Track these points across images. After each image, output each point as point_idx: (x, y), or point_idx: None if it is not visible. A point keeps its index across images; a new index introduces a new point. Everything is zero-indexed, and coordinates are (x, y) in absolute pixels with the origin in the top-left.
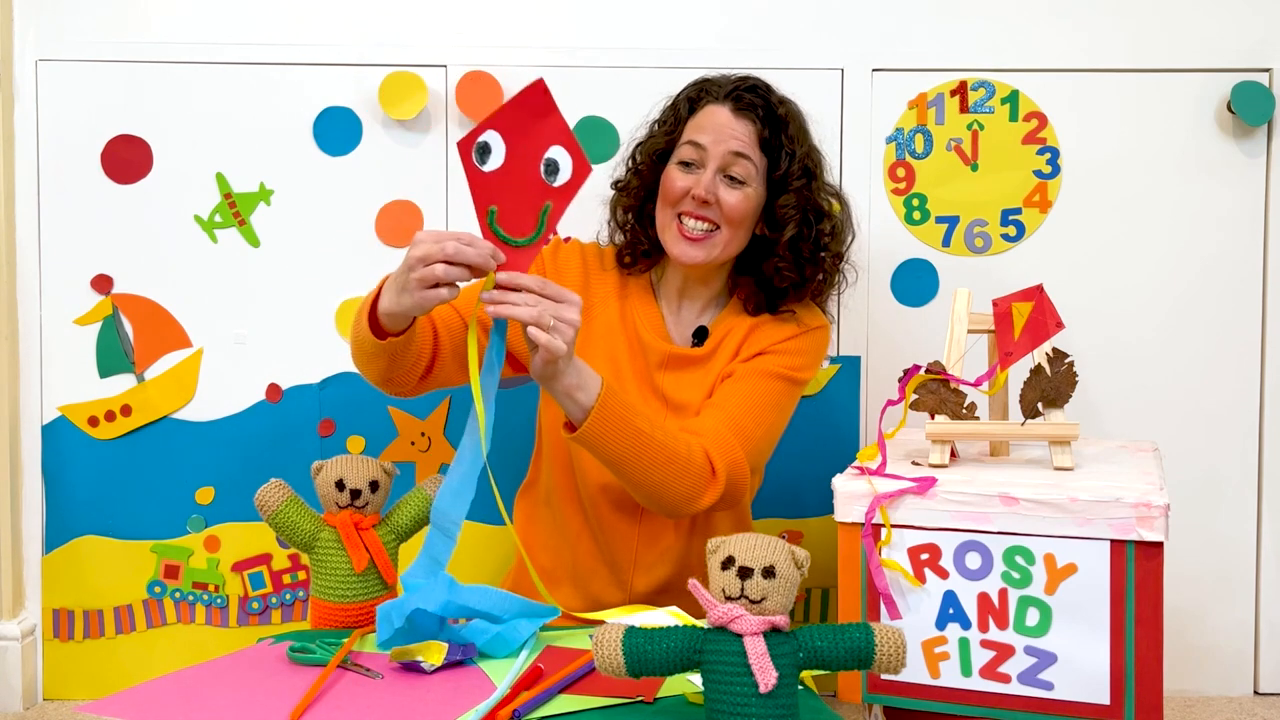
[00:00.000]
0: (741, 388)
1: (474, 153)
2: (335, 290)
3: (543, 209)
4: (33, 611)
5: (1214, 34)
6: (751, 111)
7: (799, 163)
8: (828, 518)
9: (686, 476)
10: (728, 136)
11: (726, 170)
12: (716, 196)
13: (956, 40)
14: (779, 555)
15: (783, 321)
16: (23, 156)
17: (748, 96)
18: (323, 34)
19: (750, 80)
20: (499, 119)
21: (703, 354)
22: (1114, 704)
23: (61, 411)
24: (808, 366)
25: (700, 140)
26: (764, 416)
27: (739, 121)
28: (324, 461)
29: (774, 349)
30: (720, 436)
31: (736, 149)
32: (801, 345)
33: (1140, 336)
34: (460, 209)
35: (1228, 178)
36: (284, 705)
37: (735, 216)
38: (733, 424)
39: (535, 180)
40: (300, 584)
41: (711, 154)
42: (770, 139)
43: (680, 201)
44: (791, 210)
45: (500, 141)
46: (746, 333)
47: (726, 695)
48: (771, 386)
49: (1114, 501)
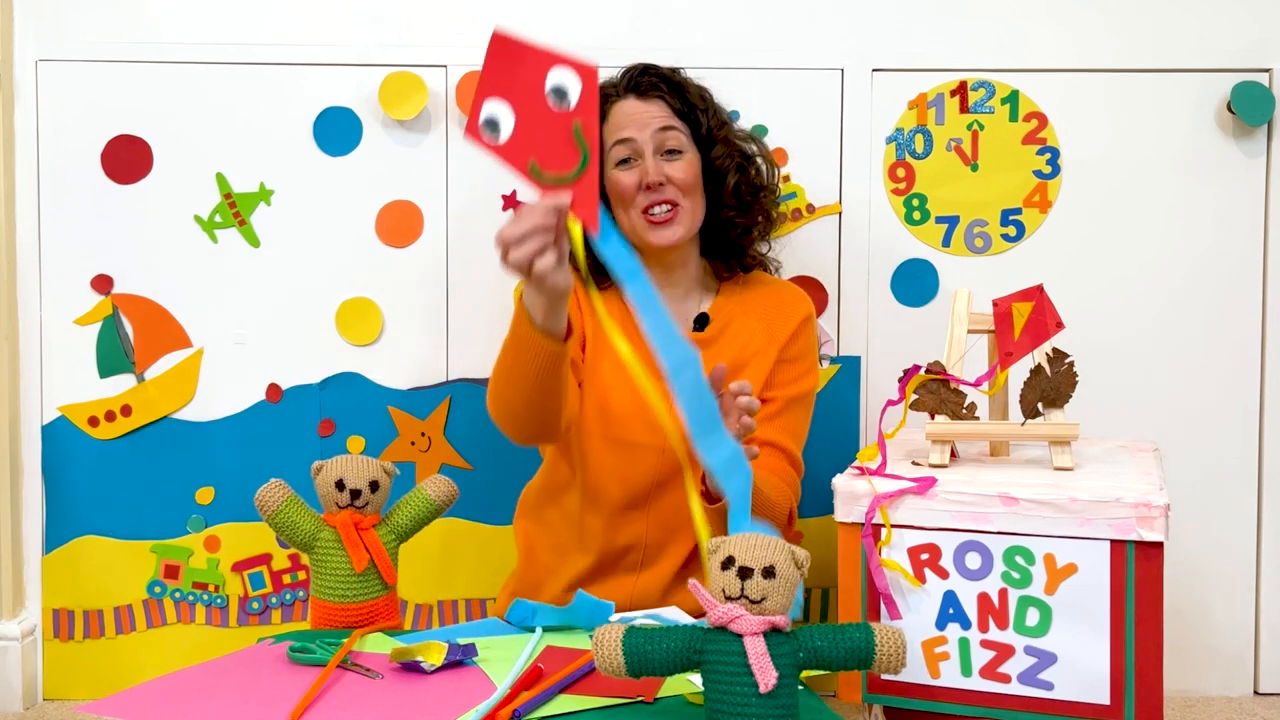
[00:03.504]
0: (783, 422)
1: (484, 132)
2: (335, 290)
3: (575, 131)
4: (33, 611)
5: (1213, 34)
6: (654, 91)
7: (714, 116)
8: (828, 518)
9: (778, 525)
10: (648, 120)
11: (662, 148)
12: (665, 174)
13: (956, 40)
14: (779, 555)
15: (777, 309)
16: (23, 156)
17: (644, 80)
18: (323, 34)
19: (638, 67)
20: (486, 88)
21: (708, 337)
22: (1114, 704)
23: (61, 411)
24: (814, 366)
25: (626, 135)
26: (803, 436)
27: (649, 104)
28: (324, 461)
29: (787, 357)
30: (788, 474)
31: (661, 125)
32: (805, 345)
33: (1140, 337)
34: (460, 209)
35: (1227, 178)
36: (284, 705)
37: (688, 184)
38: (790, 459)
39: (551, 114)
40: (300, 584)
41: (642, 141)
42: (682, 107)
43: (636, 197)
44: (726, 159)
45: (500, 105)
46: (753, 327)
47: (726, 695)
48: (802, 408)
49: (1114, 501)
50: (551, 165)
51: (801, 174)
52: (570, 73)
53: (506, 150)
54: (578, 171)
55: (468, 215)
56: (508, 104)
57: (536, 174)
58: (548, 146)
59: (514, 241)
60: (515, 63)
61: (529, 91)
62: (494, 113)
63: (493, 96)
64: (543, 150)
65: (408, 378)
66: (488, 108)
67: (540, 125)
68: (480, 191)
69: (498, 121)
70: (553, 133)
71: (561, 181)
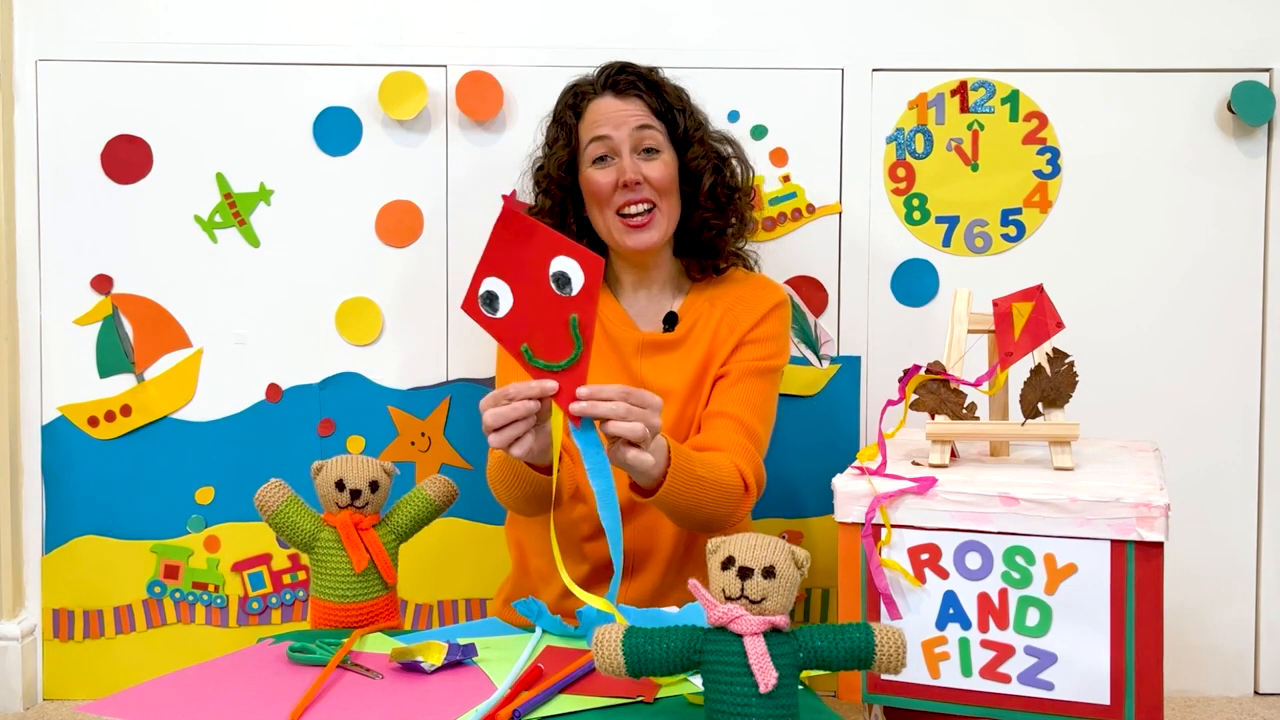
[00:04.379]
0: (739, 391)
1: (481, 307)
2: (335, 290)
3: (571, 323)
4: (33, 611)
5: (1214, 34)
6: (632, 89)
7: (690, 117)
8: (828, 518)
9: (730, 500)
10: (625, 118)
11: (640, 147)
12: (642, 174)
13: (956, 40)
14: (779, 555)
15: (745, 301)
16: (23, 156)
17: (622, 79)
18: (323, 34)
19: (616, 65)
20: (489, 263)
21: (677, 338)
22: (1114, 704)
23: (61, 411)
24: (784, 350)
25: (603, 133)
26: (765, 413)
27: (627, 103)
28: (324, 461)
29: (751, 339)
30: (742, 448)
31: (639, 123)
32: (773, 329)
33: (1140, 337)
34: (460, 209)
35: (1228, 178)
36: (284, 705)
37: (665, 184)
38: (746, 431)
39: (552, 299)
40: (300, 584)
41: (619, 139)
42: (660, 106)
43: (613, 196)
44: (702, 160)
45: (500, 284)
46: (718, 320)
47: (726, 695)
48: (763, 383)
49: (1114, 501)
50: (544, 352)
51: (801, 174)
52: (575, 263)
53: (501, 328)
54: (569, 362)
55: (468, 215)
56: (507, 284)
57: (529, 357)
58: (543, 332)
59: (494, 427)
60: (522, 241)
61: (531, 272)
62: (493, 289)
63: (495, 274)
64: (537, 335)
65: (408, 378)
66: (488, 283)
67: (538, 309)
68: (480, 191)
69: (496, 298)
70: (549, 319)
71: (551, 369)
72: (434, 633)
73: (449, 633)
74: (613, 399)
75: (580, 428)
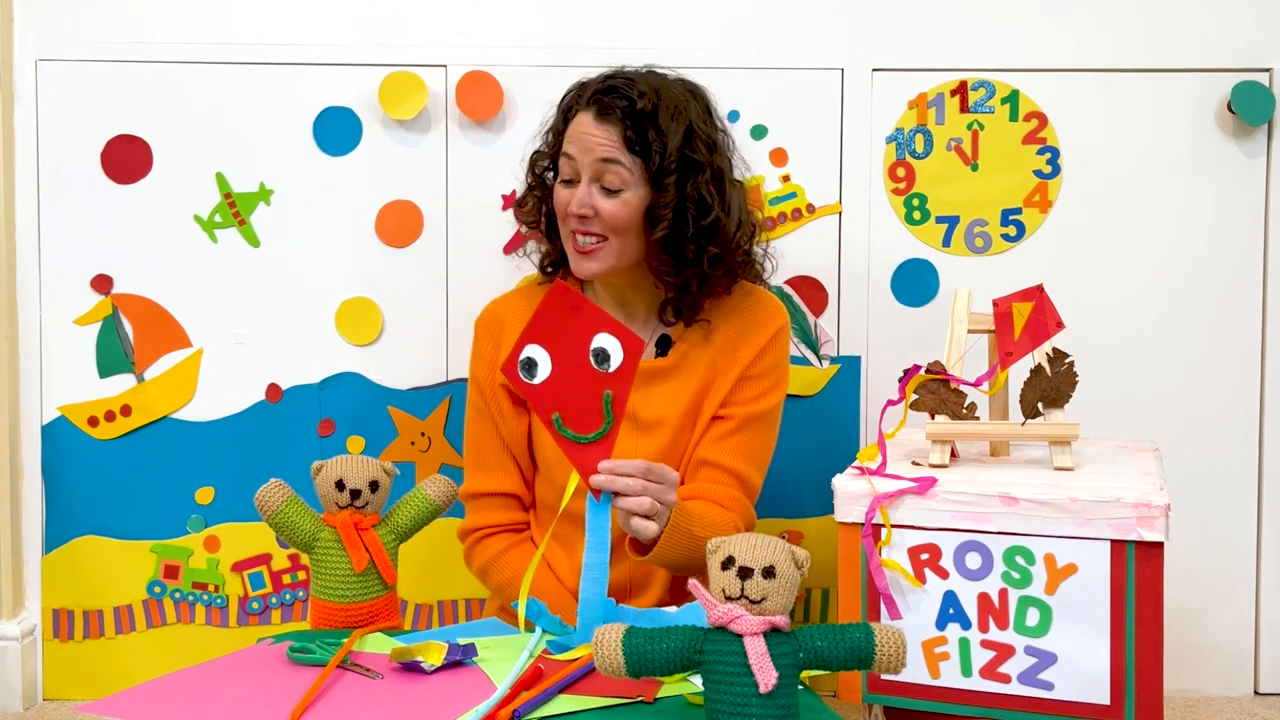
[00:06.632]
0: (737, 442)
1: (520, 371)
2: (335, 290)
3: (604, 398)
4: (33, 611)
5: (1214, 34)
6: (613, 114)
7: (671, 157)
8: (828, 518)
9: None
10: (593, 145)
11: (599, 180)
12: (595, 208)
13: (956, 40)
14: (779, 555)
15: (745, 329)
16: (23, 156)
17: (608, 99)
18: (323, 34)
19: (612, 80)
20: (534, 331)
21: (670, 365)
22: (1114, 704)
23: (61, 411)
24: (785, 378)
25: (571, 152)
26: (762, 460)
27: (601, 127)
28: (324, 461)
29: (752, 374)
30: (736, 502)
31: (603, 155)
32: (775, 358)
33: (1140, 337)
34: (460, 209)
35: (1228, 178)
36: (284, 705)
37: (617, 225)
38: (742, 484)
39: (589, 373)
40: (300, 584)
41: (582, 165)
42: (637, 139)
43: (568, 219)
44: (663, 210)
45: (541, 352)
46: (716, 349)
47: (726, 695)
48: (763, 426)
49: (1114, 501)
50: (574, 422)
51: (801, 174)
52: (616, 341)
53: (536, 394)
54: (597, 435)
55: (468, 215)
56: (549, 353)
57: (558, 425)
58: (576, 404)
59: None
60: (569, 315)
61: (573, 345)
62: (534, 356)
63: (538, 342)
64: (569, 406)
65: (408, 378)
66: (529, 350)
67: (574, 381)
68: (480, 191)
69: (535, 365)
70: (584, 392)
71: (579, 440)
72: (434, 633)
73: (449, 633)
74: (632, 474)
75: (599, 501)
